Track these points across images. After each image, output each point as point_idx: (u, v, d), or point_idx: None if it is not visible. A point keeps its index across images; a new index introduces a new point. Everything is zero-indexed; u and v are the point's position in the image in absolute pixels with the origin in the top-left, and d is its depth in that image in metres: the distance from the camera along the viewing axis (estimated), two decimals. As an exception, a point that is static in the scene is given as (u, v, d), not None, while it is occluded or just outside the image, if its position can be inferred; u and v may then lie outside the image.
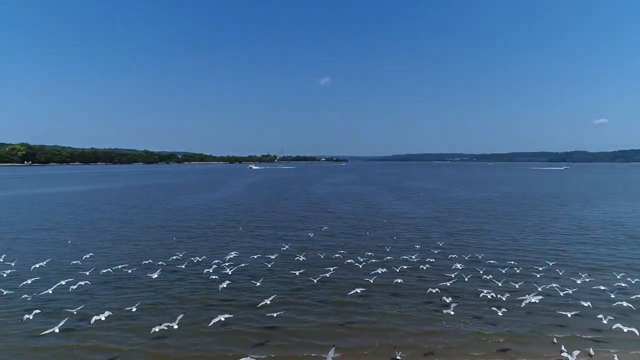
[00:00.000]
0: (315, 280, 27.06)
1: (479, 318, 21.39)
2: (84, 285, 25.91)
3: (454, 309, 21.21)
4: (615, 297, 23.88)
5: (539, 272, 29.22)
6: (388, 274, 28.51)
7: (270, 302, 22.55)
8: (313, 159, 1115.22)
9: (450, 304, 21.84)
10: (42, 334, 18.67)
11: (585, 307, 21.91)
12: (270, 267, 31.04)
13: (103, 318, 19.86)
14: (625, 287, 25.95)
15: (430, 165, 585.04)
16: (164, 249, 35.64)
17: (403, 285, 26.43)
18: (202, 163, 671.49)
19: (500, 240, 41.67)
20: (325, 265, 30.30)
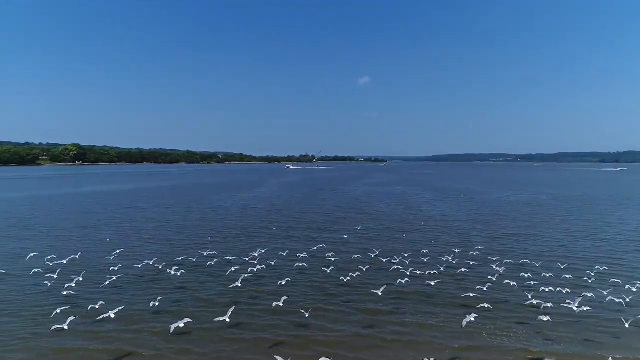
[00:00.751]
0: (348, 286, 25.99)
1: (525, 331, 19.53)
2: (114, 283, 26.13)
3: (497, 321, 19.53)
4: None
5: (590, 281, 26.83)
6: (424, 281, 26.96)
7: (300, 307, 21.66)
8: (351, 159, 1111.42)
9: (493, 315, 20.18)
10: (64, 331, 18.63)
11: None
12: (302, 270, 30.21)
13: (126, 318, 19.62)
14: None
15: (472, 166, 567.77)
16: (197, 249, 35.56)
17: (440, 293, 24.88)
18: (241, 163, 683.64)
19: (547, 246, 38.93)
20: (359, 270, 29.11)
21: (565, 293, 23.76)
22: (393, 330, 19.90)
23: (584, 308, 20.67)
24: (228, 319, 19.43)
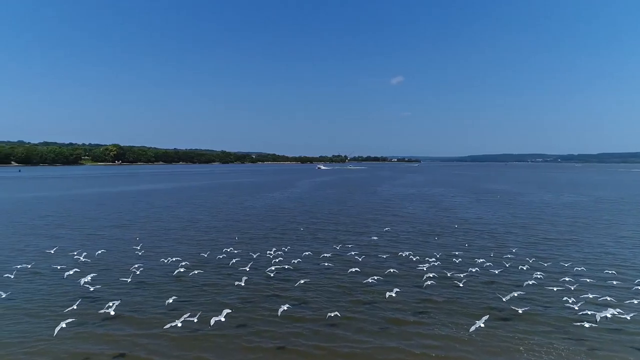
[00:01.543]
0: (375, 292, 24.75)
1: (566, 347, 17.73)
2: (137, 285, 26.01)
3: (535, 335, 17.88)
4: None
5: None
6: (456, 288, 25.40)
7: (324, 315, 20.68)
8: (384, 160, 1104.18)
9: (531, 328, 18.51)
10: (82, 333, 18.38)
11: None
12: (328, 273, 29.25)
13: (144, 321, 19.20)
14: None
15: (509, 167, 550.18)
16: (224, 250, 35.15)
17: (474, 303, 23.27)
18: (274, 163, 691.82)
19: (592, 253, 36.25)
20: (387, 275, 27.84)
21: (612, 303, 21.68)
22: (422, 344, 18.52)
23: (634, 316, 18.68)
24: (247, 326, 18.70)
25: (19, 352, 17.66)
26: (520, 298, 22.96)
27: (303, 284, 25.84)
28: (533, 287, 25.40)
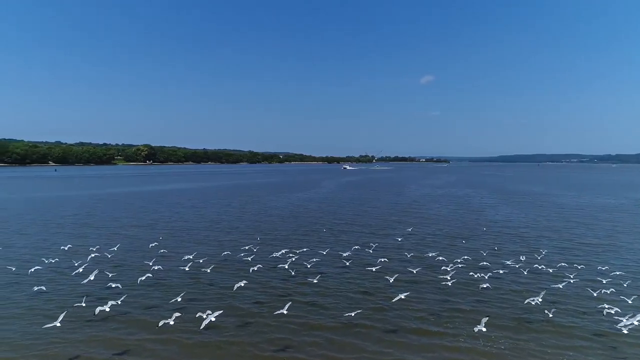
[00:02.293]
0: (396, 298, 23.48)
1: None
2: (155, 287, 25.78)
3: (569, 351, 16.41)
4: None
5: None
6: (484, 296, 24.01)
7: (341, 323, 19.76)
8: (412, 160, 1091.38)
9: (566, 343, 17.04)
10: (99, 336, 18.07)
11: None
12: (349, 277, 28.29)
13: (166, 325, 18.77)
14: None
15: (542, 167, 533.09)
16: (244, 251, 34.69)
17: (503, 313, 21.78)
18: (301, 163, 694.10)
19: (632, 259, 33.89)
20: (411, 280, 26.70)
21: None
22: (446, 357, 17.31)
23: None
24: (262, 332, 17.99)
25: (30, 355, 17.54)
26: (554, 308, 21.30)
27: (323, 289, 24.98)
28: (568, 296, 23.76)
